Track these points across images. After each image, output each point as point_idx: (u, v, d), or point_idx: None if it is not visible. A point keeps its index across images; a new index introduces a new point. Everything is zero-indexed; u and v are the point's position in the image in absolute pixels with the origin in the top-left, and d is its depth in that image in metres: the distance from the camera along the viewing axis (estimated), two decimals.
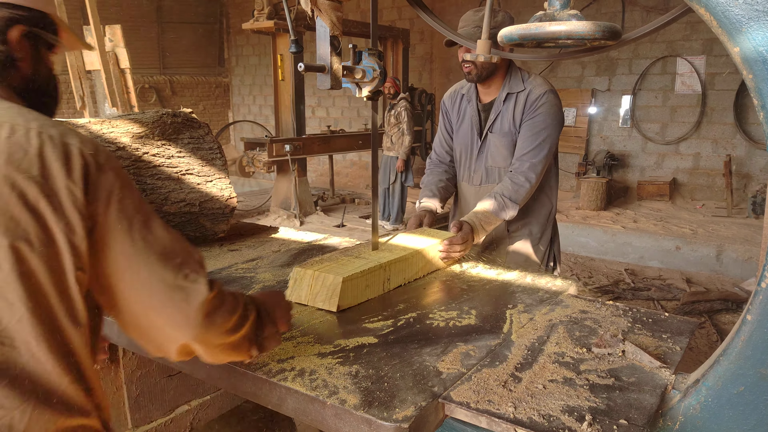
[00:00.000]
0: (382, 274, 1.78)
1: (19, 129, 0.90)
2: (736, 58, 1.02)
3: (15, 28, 1.01)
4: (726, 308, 4.82)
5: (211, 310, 1.02)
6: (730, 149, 8.07)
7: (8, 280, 0.87)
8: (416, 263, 1.95)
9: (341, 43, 1.73)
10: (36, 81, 1.08)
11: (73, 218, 0.90)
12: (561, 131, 2.39)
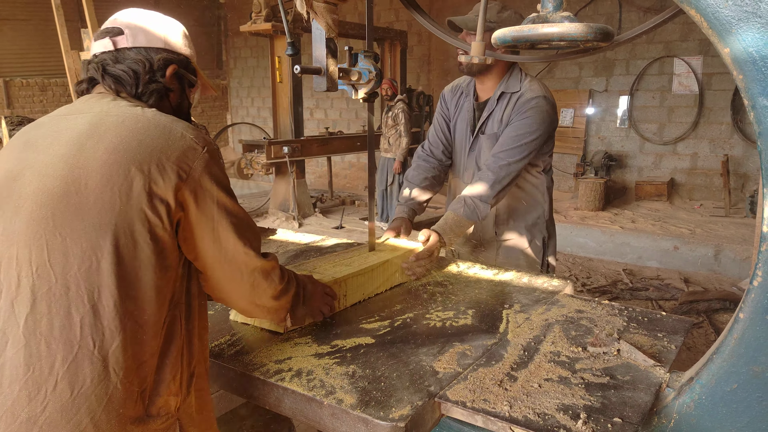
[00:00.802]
0: (337, 290, 1.65)
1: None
2: (727, 58, 1.03)
3: (170, 68, 1.30)
4: (724, 308, 4.83)
5: (261, 276, 1.28)
6: (727, 149, 8.09)
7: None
8: (376, 277, 1.83)
9: (337, 45, 1.74)
10: (180, 111, 1.37)
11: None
12: (548, 137, 2.31)
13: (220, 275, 1.23)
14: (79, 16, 8.95)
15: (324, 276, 1.66)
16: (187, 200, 1.14)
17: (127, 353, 1.06)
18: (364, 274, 1.77)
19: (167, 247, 1.12)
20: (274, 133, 8.24)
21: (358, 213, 8.63)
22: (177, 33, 1.37)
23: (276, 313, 1.42)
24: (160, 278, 1.11)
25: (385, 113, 7.76)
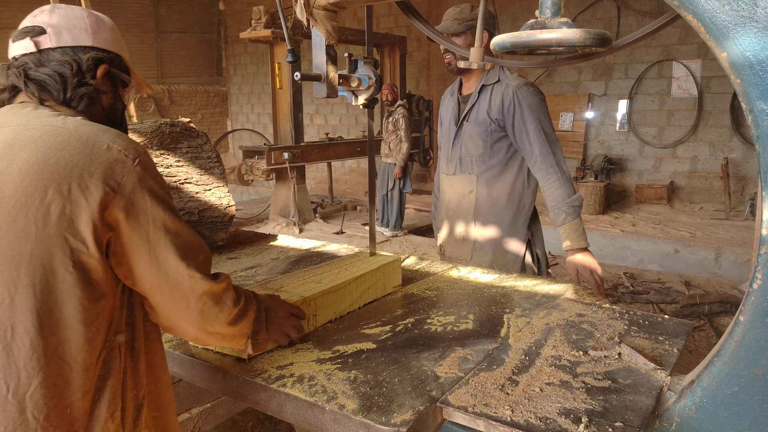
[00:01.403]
0: (306, 310, 1.55)
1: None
2: (724, 63, 1.04)
3: (101, 68, 1.19)
4: (725, 310, 4.83)
5: (211, 301, 1.16)
6: (727, 152, 8.10)
7: None
8: (349, 294, 1.73)
9: (337, 51, 1.75)
10: (113, 115, 1.26)
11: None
12: (547, 110, 2.43)
13: (163, 302, 1.12)
14: None
15: (292, 295, 1.57)
16: (117, 220, 1.03)
17: (50, 395, 0.97)
18: (335, 292, 1.67)
19: (96, 275, 1.02)
20: (275, 139, 8.26)
21: (359, 218, 8.64)
22: (106, 28, 1.23)
23: (234, 340, 1.28)
24: (89, 310, 1.01)
25: (385, 118, 7.77)
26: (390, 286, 1.92)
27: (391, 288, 1.93)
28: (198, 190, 2.31)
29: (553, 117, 9.38)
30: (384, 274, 1.88)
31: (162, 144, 2.29)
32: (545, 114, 2.40)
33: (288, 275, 1.81)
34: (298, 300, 1.54)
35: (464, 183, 2.51)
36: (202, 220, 2.33)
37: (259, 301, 1.35)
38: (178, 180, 2.27)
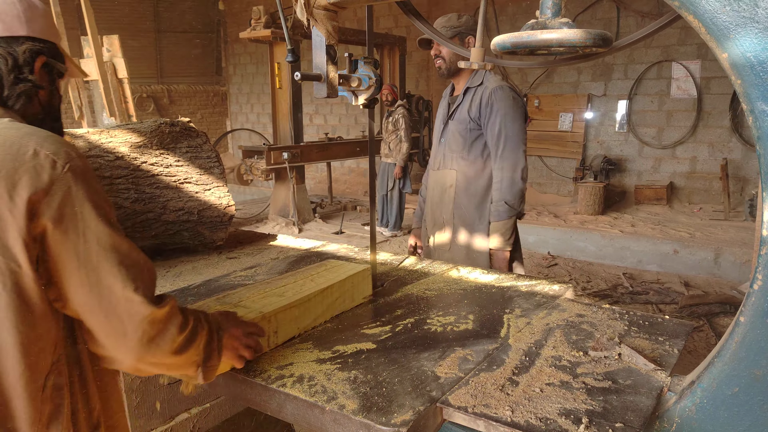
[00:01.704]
0: (265, 327, 1.42)
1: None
2: (725, 63, 1.04)
3: (38, 60, 1.08)
4: (724, 311, 4.83)
5: (153, 328, 1.01)
6: (726, 153, 8.11)
7: None
8: (315, 308, 1.61)
9: (337, 51, 1.75)
10: (50, 110, 1.16)
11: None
12: (523, 119, 2.60)
13: (97, 327, 0.98)
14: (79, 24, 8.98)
15: (250, 311, 1.44)
16: (45, 233, 0.92)
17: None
18: (299, 306, 1.54)
19: (32, 296, 0.92)
20: (274, 139, 8.26)
21: (359, 218, 8.64)
22: (39, 14, 1.11)
23: (181, 369, 1.13)
24: (26, 334, 0.91)
25: (385, 118, 7.77)
26: (359, 296, 1.80)
27: (361, 299, 1.81)
28: (197, 189, 2.31)
29: (553, 117, 9.40)
30: (353, 285, 1.76)
31: (162, 143, 2.28)
32: (513, 118, 2.56)
33: (248, 287, 1.66)
34: (256, 316, 1.40)
35: (446, 178, 2.70)
36: (201, 219, 2.33)
37: (210, 322, 1.20)
38: (178, 180, 2.27)
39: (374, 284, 1.94)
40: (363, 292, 1.83)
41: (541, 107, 9.54)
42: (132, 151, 2.19)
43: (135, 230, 2.18)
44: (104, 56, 6.55)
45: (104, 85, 6.45)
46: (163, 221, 2.24)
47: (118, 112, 6.52)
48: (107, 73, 6.50)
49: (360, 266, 1.83)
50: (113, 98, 6.50)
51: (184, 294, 1.88)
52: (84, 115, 6.79)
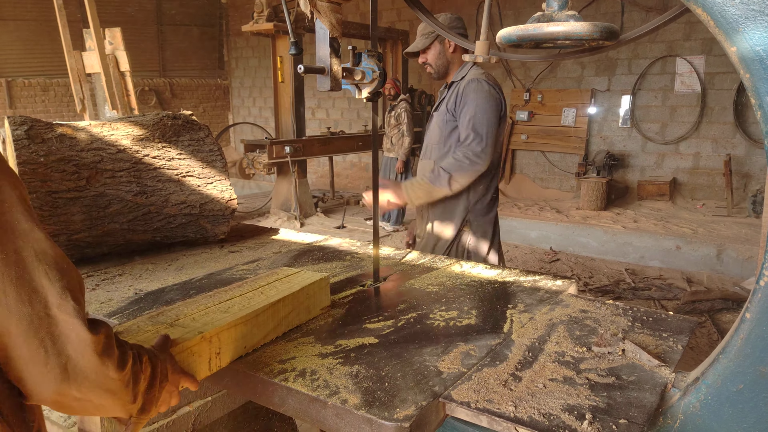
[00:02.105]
0: (207, 349, 1.27)
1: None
2: (733, 57, 1.02)
3: None
4: (727, 307, 4.83)
5: (85, 358, 0.82)
6: (729, 149, 8.08)
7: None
8: (265, 324, 1.44)
9: (341, 44, 1.74)
10: None
11: None
12: (496, 112, 2.59)
13: (10, 344, 0.78)
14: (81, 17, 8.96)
15: (188, 330, 1.26)
16: None
17: None
18: (246, 323, 1.38)
19: None
20: (276, 133, 8.25)
21: (361, 213, 8.63)
22: None
23: (109, 413, 0.94)
24: None
25: (387, 113, 7.75)
26: (316, 308, 1.65)
27: (318, 311, 1.65)
28: (200, 183, 2.30)
29: (556, 112, 9.38)
30: (308, 296, 1.60)
31: (164, 137, 2.27)
32: (484, 110, 2.56)
33: (188, 302, 1.46)
34: (194, 338, 1.23)
35: (426, 167, 2.77)
36: (203, 213, 2.32)
37: (155, 366, 1.00)
38: (180, 173, 2.26)
39: (376, 279, 1.94)
40: (320, 302, 1.66)
41: (544, 102, 9.51)
42: (134, 144, 2.18)
43: (137, 223, 2.18)
44: (106, 49, 6.53)
45: (106, 78, 6.44)
46: (165, 215, 2.23)
47: (120, 105, 6.51)
48: (109, 66, 6.49)
49: (316, 275, 1.66)
50: (115, 91, 6.49)
51: (186, 287, 1.87)
52: (86, 108, 6.78)
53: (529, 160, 9.96)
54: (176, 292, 1.83)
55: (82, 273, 2.03)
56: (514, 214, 8.01)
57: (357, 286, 1.89)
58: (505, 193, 9.77)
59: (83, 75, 6.73)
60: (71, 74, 6.70)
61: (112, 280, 1.96)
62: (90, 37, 6.47)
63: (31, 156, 1.91)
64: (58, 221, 1.97)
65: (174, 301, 1.74)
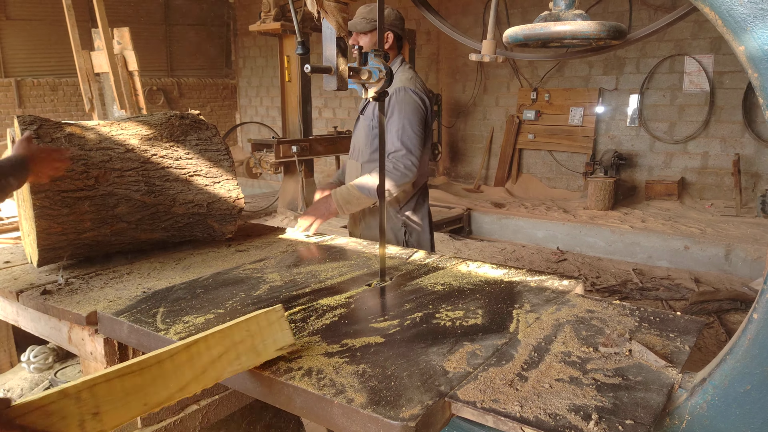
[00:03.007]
0: (75, 409, 1.00)
1: None
2: (741, 57, 1.02)
3: None
4: (735, 308, 4.80)
5: None
6: (738, 148, 8.02)
7: None
8: (175, 374, 1.14)
9: (347, 44, 1.74)
10: None
11: None
12: (422, 122, 2.63)
13: None
14: (90, 16, 9.00)
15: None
16: None
17: None
18: (141, 372, 1.08)
19: None
20: (283, 133, 8.26)
21: None
22: None
23: None
24: None
25: None
26: (271, 349, 1.32)
27: (275, 351, 1.32)
28: (207, 182, 2.32)
29: (563, 112, 9.34)
30: (252, 335, 1.29)
31: (171, 136, 2.29)
32: (411, 122, 2.59)
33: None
34: (52, 394, 0.98)
35: (354, 168, 2.85)
36: (211, 212, 2.33)
37: None
38: (188, 172, 2.27)
39: (382, 278, 1.94)
40: (277, 342, 1.33)
41: (551, 101, 9.48)
42: (142, 144, 2.19)
43: (145, 222, 2.19)
44: (115, 49, 6.56)
45: (115, 77, 6.47)
46: (172, 214, 2.24)
47: (129, 105, 6.54)
48: (118, 66, 6.52)
49: (272, 309, 1.36)
50: (123, 91, 6.52)
51: (193, 286, 1.88)
52: (94, 108, 6.81)
53: (536, 159, 9.93)
54: (183, 291, 1.84)
55: (91, 272, 2.05)
56: (520, 214, 7.99)
57: (363, 286, 1.90)
58: (512, 193, 9.74)
59: (92, 75, 6.76)
60: (80, 74, 6.73)
61: (120, 279, 1.97)
62: (99, 37, 6.50)
63: None
64: (67, 220, 1.98)
65: (181, 299, 1.75)
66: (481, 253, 6.63)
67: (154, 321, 1.59)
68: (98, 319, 1.67)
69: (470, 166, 10.76)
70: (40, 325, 1.89)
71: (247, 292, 1.83)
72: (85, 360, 1.75)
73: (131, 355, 1.71)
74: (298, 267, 2.10)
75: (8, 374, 2.30)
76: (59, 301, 1.76)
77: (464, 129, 10.74)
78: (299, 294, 1.81)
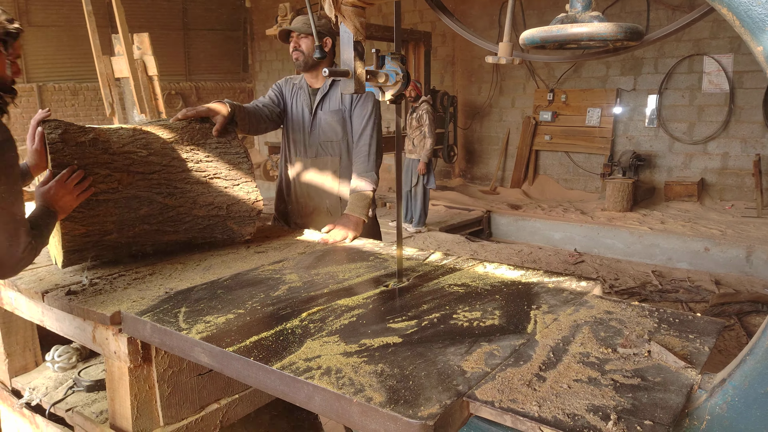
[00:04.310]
0: None
1: None
2: (760, 57, 1.02)
3: None
4: (756, 310, 4.73)
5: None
6: (759, 148, 7.91)
7: None
8: None
9: (364, 47, 1.76)
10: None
11: None
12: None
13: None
14: (110, 22, 9.15)
15: None
16: None
17: None
18: None
19: None
20: None
21: (386, 215, 8.65)
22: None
23: None
24: None
25: (409, 114, 7.76)
26: None
27: None
28: (227, 184, 2.35)
29: (580, 113, 9.29)
30: None
31: (192, 139, 2.32)
32: (380, 126, 2.90)
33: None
34: None
35: (327, 164, 2.91)
36: (230, 214, 2.37)
37: None
38: (208, 175, 2.30)
39: (400, 279, 1.95)
40: None
41: (568, 102, 9.43)
42: (163, 147, 2.23)
43: (167, 224, 2.22)
44: (135, 54, 6.67)
45: (135, 82, 6.57)
46: (193, 215, 2.28)
47: (149, 109, 6.64)
48: (137, 71, 6.62)
49: None
50: (143, 95, 6.62)
51: (213, 287, 1.91)
52: (115, 112, 6.92)
53: (553, 160, 9.88)
54: (204, 291, 1.87)
55: (114, 273, 2.09)
56: (537, 216, 7.95)
57: (380, 287, 1.91)
58: (529, 195, 9.70)
59: (112, 79, 6.88)
60: (100, 79, 6.85)
61: (143, 280, 2.01)
62: (119, 43, 6.61)
63: (65, 159, 1.97)
64: (92, 222, 2.02)
65: (202, 299, 1.78)
66: (497, 255, 6.62)
67: (176, 320, 1.62)
68: (122, 319, 1.71)
69: (486, 168, 10.73)
70: (65, 324, 1.93)
71: (266, 292, 1.85)
72: (109, 359, 1.78)
73: (154, 354, 1.74)
74: (316, 268, 2.12)
75: (33, 373, 2.35)
76: (84, 302, 1.80)
77: (480, 131, 10.72)
78: (318, 294, 1.83)
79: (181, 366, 1.81)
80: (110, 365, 1.80)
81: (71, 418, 2.01)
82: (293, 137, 3.00)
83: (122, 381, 1.74)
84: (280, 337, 1.53)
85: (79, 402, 2.07)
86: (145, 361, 1.74)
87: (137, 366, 1.73)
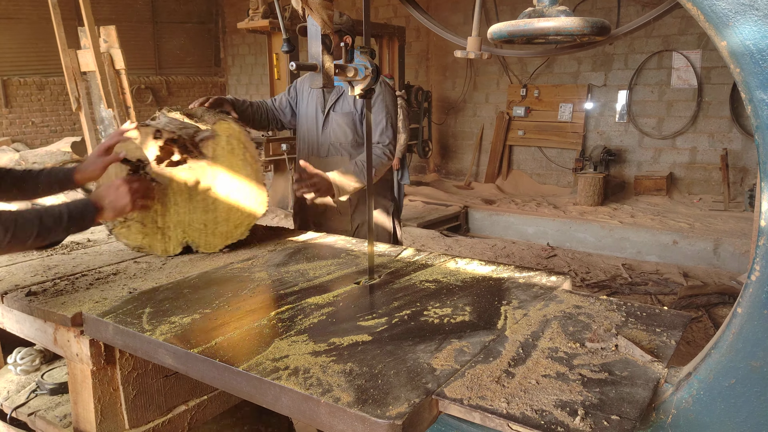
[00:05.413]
0: None
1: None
2: (724, 52, 1.02)
3: None
4: (723, 302, 4.84)
5: None
6: (726, 143, 8.08)
7: None
8: None
9: (333, 41, 1.73)
10: None
11: None
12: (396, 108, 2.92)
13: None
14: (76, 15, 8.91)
15: None
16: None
17: None
18: None
19: None
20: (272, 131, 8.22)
21: None
22: None
23: None
24: None
25: None
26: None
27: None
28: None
29: (553, 108, 9.37)
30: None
31: None
32: (394, 111, 2.89)
33: None
34: None
35: (338, 163, 2.82)
36: None
37: None
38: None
39: (371, 276, 1.93)
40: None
41: (540, 98, 9.50)
42: None
43: None
44: (101, 47, 6.50)
45: (101, 76, 6.41)
46: None
47: (116, 104, 6.49)
48: (104, 65, 6.46)
49: None
50: (111, 89, 6.46)
51: (179, 286, 1.87)
52: (81, 107, 6.75)
53: (526, 155, 9.96)
54: (170, 291, 1.82)
55: (77, 272, 2.03)
56: (511, 210, 8.01)
57: (351, 284, 1.89)
58: (503, 189, 9.77)
59: (78, 73, 6.70)
60: (66, 73, 6.67)
61: (106, 280, 1.95)
62: (85, 35, 6.44)
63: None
64: None
65: (168, 299, 1.74)
66: (471, 250, 6.65)
67: (140, 321, 1.58)
68: (84, 321, 1.66)
69: (461, 163, 10.77)
70: (26, 326, 1.87)
71: (234, 291, 1.82)
72: (71, 362, 1.73)
73: (117, 356, 1.69)
74: (286, 266, 2.09)
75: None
76: (44, 303, 1.74)
77: (454, 126, 10.76)
78: (287, 293, 1.80)
79: (147, 368, 1.77)
80: (72, 368, 1.75)
81: (33, 423, 1.95)
82: (304, 135, 3.00)
83: (85, 384, 1.70)
84: (248, 337, 1.50)
85: (42, 406, 2.01)
86: (109, 363, 1.69)
87: (100, 368, 1.68)
